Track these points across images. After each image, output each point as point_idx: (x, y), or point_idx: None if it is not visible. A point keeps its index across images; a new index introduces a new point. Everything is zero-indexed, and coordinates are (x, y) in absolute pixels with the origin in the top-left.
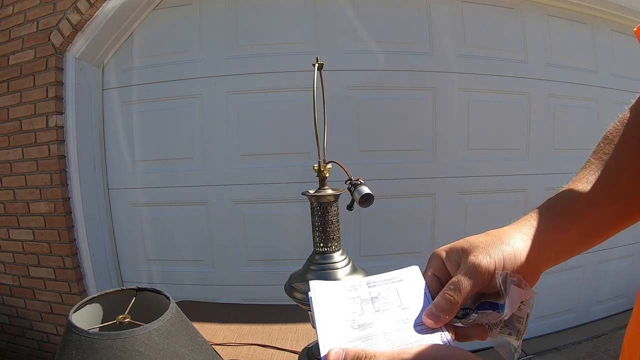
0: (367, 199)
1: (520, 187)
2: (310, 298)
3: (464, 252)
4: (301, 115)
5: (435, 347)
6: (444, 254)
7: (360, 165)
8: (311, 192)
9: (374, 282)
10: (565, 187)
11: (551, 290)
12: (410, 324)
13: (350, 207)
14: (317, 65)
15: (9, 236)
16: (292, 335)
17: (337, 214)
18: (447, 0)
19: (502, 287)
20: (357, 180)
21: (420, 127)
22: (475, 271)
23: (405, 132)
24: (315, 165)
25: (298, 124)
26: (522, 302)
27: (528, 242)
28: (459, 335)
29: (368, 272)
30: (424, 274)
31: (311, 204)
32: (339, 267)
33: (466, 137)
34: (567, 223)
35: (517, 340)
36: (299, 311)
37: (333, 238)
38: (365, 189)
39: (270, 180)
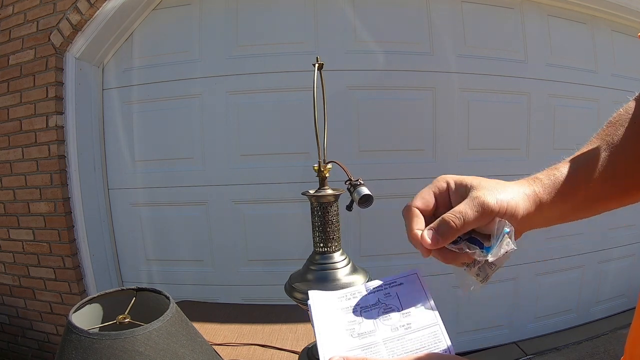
0: (366, 200)
1: None
2: (310, 308)
3: (473, 188)
4: (301, 115)
5: (435, 356)
6: (452, 183)
7: (360, 165)
8: (311, 192)
9: (373, 289)
10: (567, 159)
11: (551, 290)
12: (410, 331)
13: (349, 207)
14: (317, 65)
15: (9, 236)
16: (292, 335)
17: (337, 214)
18: (447, 0)
19: (496, 233)
20: (357, 180)
21: (420, 127)
22: (481, 207)
23: (405, 132)
24: (315, 165)
25: (298, 124)
26: (505, 253)
27: (527, 203)
28: (441, 252)
29: (368, 272)
30: (423, 189)
31: (311, 204)
32: (339, 267)
33: (466, 137)
34: (564, 196)
35: (481, 283)
36: (299, 311)
37: (333, 238)
38: (365, 190)
39: (270, 180)
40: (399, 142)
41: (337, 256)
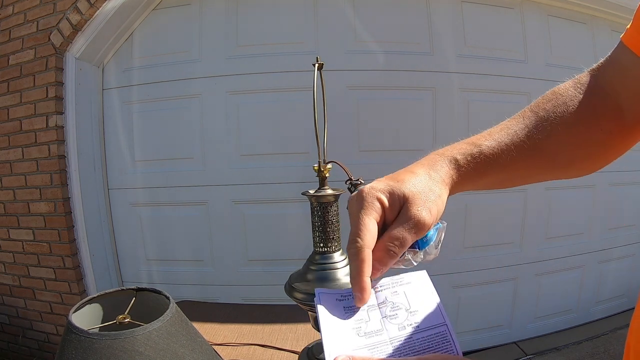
0: None
1: (520, 187)
2: (316, 305)
3: (406, 201)
4: (301, 115)
5: (442, 357)
6: (385, 200)
7: (360, 165)
8: (311, 192)
9: (380, 287)
10: (491, 134)
11: (551, 290)
12: (418, 330)
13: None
14: (317, 65)
15: (9, 236)
16: (292, 335)
17: (337, 214)
18: (447, 0)
19: (435, 236)
20: (358, 180)
21: (420, 127)
22: (419, 227)
23: (405, 132)
24: (315, 165)
25: (298, 124)
26: (439, 245)
27: (446, 189)
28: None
29: None
30: (361, 215)
31: (311, 204)
32: (339, 267)
33: (466, 137)
34: (486, 171)
35: (418, 257)
36: (299, 311)
37: (333, 238)
38: None
39: (270, 180)
40: (399, 142)
41: (337, 256)
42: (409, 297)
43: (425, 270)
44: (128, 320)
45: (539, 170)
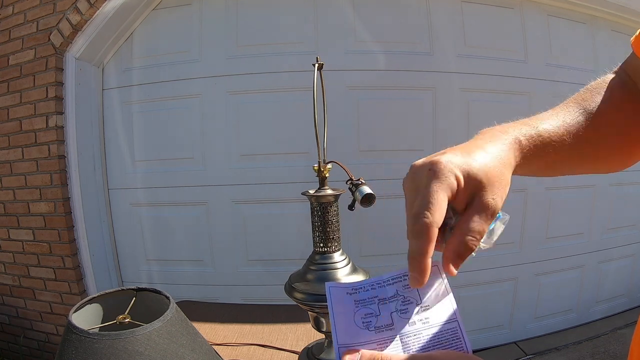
0: (368, 199)
1: (520, 186)
2: (327, 299)
3: (482, 188)
4: (301, 115)
5: (450, 353)
6: (461, 179)
7: (360, 165)
8: (311, 192)
9: (392, 279)
10: (542, 118)
11: (551, 290)
12: (429, 325)
13: (351, 207)
14: (317, 65)
15: (9, 236)
16: (292, 335)
17: (337, 214)
18: (447, 0)
19: (497, 226)
20: (358, 180)
21: (420, 127)
22: (493, 217)
23: (405, 132)
24: (315, 165)
25: (298, 124)
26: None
27: (511, 173)
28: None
29: (368, 272)
30: (434, 188)
31: (311, 204)
32: (339, 267)
33: (466, 137)
34: (539, 155)
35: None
36: (299, 311)
37: (333, 238)
38: (367, 189)
39: (270, 180)
40: (399, 142)
41: (337, 256)
42: (420, 291)
43: (438, 264)
44: (128, 320)
45: (583, 160)
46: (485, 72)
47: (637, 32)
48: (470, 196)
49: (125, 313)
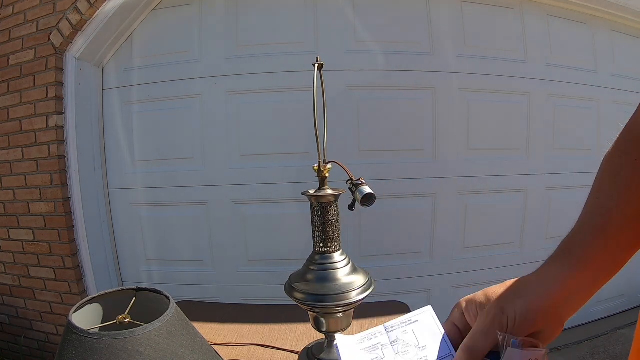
0: (369, 199)
1: (520, 187)
2: (337, 350)
3: (481, 307)
4: (301, 115)
5: None
6: (464, 305)
7: (360, 165)
8: (311, 192)
9: (391, 327)
10: (581, 216)
11: None
12: None
13: (351, 207)
14: (317, 65)
15: (9, 236)
16: (292, 335)
17: (337, 214)
18: (447, 0)
19: (501, 348)
20: (359, 180)
21: (420, 127)
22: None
23: (405, 132)
24: (315, 165)
25: (298, 124)
26: None
27: (543, 291)
28: None
29: (368, 272)
30: (444, 324)
31: (311, 204)
32: (339, 267)
33: (466, 137)
34: (582, 263)
35: None
36: (299, 311)
37: (333, 238)
38: (367, 189)
39: (270, 180)
40: (399, 142)
41: (337, 256)
42: (417, 335)
43: (430, 306)
44: (128, 320)
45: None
46: (485, 72)
47: None
48: (476, 316)
49: (125, 313)
